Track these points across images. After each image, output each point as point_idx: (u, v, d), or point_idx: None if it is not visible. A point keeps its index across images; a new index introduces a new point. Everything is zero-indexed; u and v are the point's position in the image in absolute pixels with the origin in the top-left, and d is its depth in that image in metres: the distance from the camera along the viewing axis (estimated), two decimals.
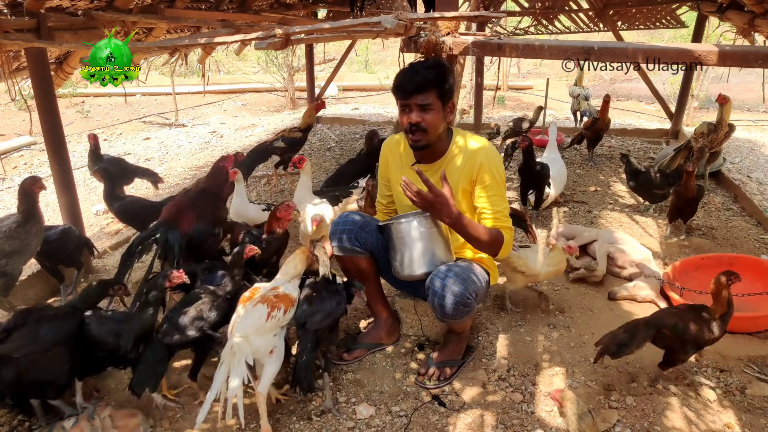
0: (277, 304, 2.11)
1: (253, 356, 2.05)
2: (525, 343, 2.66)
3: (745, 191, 4.59)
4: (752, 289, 2.88)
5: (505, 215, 2.30)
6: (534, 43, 3.05)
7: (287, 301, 2.16)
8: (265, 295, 2.15)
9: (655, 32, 12.08)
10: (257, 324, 2.06)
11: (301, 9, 6.28)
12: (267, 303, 2.11)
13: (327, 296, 2.25)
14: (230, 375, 2.00)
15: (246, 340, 2.03)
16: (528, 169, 4.03)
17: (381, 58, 14.62)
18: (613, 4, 6.20)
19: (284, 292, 2.19)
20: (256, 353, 2.06)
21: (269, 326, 2.08)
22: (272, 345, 2.11)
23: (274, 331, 2.12)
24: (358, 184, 4.03)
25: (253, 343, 2.05)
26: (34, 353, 2.00)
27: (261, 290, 2.20)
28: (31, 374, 2.01)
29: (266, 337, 2.09)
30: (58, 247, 3.02)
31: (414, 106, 2.23)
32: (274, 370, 2.10)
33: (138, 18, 3.60)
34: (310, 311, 2.19)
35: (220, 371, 2.01)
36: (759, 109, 9.46)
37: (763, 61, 2.69)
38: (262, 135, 7.39)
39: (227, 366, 2.01)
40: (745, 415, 2.21)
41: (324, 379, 2.26)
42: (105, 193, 3.69)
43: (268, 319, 2.07)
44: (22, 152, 7.11)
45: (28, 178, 2.77)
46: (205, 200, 2.99)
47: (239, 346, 2.02)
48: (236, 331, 2.04)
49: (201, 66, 6.43)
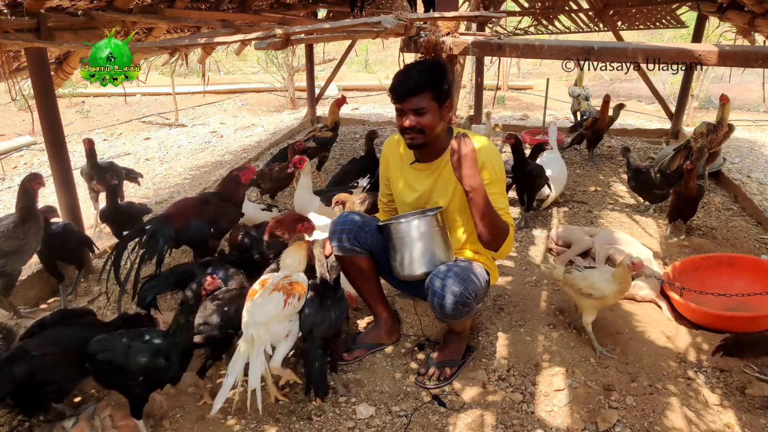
0: (292, 291, 2.17)
1: (271, 344, 2.11)
2: (525, 343, 2.66)
3: (745, 191, 4.59)
4: (752, 289, 2.88)
5: (506, 213, 2.29)
6: (534, 43, 3.05)
7: (301, 289, 2.22)
8: (279, 283, 2.19)
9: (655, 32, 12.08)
10: (276, 311, 2.11)
11: (301, 9, 6.28)
12: (283, 290, 2.16)
13: (332, 304, 2.26)
14: (250, 364, 2.04)
15: (266, 328, 2.08)
16: (518, 168, 3.92)
17: (381, 58, 14.62)
18: (613, 4, 6.20)
19: (296, 280, 2.24)
20: (274, 340, 2.12)
21: (286, 313, 2.14)
22: (287, 330, 2.17)
23: (290, 317, 2.18)
24: (358, 183, 4.04)
25: (272, 331, 2.11)
26: (53, 355, 2.02)
27: (271, 279, 2.23)
28: (43, 375, 2.01)
29: (283, 323, 2.15)
30: (59, 243, 3.02)
31: (408, 111, 2.24)
32: (286, 349, 2.19)
33: (138, 18, 3.60)
34: (318, 319, 2.21)
35: (237, 360, 2.05)
36: (759, 109, 9.46)
37: (763, 61, 2.69)
38: (262, 135, 7.39)
39: (245, 355, 2.05)
40: (745, 415, 2.21)
41: (334, 378, 2.33)
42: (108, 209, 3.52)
43: (285, 305, 2.13)
44: (22, 152, 7.11)
45: (29, 174, 2.77)
46: (212, 201, 3.02)
47: (259, 335, 2.06)
48: (256, 320, 2.08)
49: (201, 66, 6.42)
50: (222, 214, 3.01)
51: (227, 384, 2.03)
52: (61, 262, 3.12)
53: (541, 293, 3.12)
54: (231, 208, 3.07)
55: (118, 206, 3.51)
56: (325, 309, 2.23)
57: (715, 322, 2.73)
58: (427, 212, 2.34)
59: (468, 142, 2.04)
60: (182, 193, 5.16)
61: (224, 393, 2.05)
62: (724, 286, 2.95)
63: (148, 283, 2.55)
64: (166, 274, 2.63)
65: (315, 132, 5.13)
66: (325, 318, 2.22)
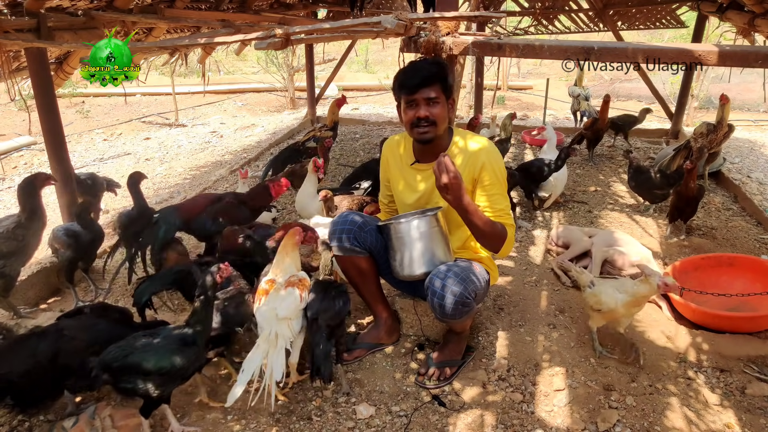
0: (303, 287, 2.22)
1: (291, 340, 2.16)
2: (525, 343, 2.66)
3: (745, 191, 4.59)
4: (752, 289, 2.88)
5: (507, 213, 2.30)
6: (534, 43, 3.05)
7: (308, 283, 2.27)
8: (290, 280, 2.23)
9: (655, 32, 12.08)
10: (295, 305, 2.16)
11: (301, 9, 6.28)
12: (296, 286, 2.20)
13: (336, 295, 2.28)
14: (272, 360, 2.06)
15: (287, 324, 2.13)
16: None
17: (381, 58, 14.62)
18: (613, 4, 6.20)
19: (303, 276, 2.28)
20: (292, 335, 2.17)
21: (301, 308, 2.20)
22: (300, 325, 2.23)
23: (300, 313, 2.23)
24: (360, 186, 4.04)
25: (294, 328, 2.16)
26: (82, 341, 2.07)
27: (279, 279, 2.25)
28: (65, 359, 2.03)
29: (299, 319, 2.21)
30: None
31: (421, 101, 2.24)
32: (300, 344, 2.26)
33: (138, 18, 3.60)
34: (322, 307, 2.23)
35: (256, 355, 2.06)
36: (759, 109, 9.46)
37: (763, 61, 2.68)
38: (262, 135, 7.39)
39: (264, 351, 2.07)
40: (745, 415, 2.21)
41: (338, 370, 2.34)
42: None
43: (301, 300, 2.18)
44: (22, 152, 7.12)
45: (39, 174, 2.76)
46: (227, 200, 3.07)
47: (282, 332, 2.10)
48: (280, 315, 2.11)
49: (201, 66, 6.43)
50: (230, 213, 3.02)
51: (242, 380, 2.02)
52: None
53: (541, 293, 3.12)
54: (244, 210, 3.09)
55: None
56: (329, 298, 2.25)
57: (715, 322, 2.73)
58: (426, 212, 2.33)
59: (448, 167, 2.04)
60: (182, 193, 5.15)
61: (240, 388, 2.03)
62: (724, 286, 2.95)
63: (144, 283, 2.52)
64: (163, 273, 2.62)
65: (315, 132, 5.14)
66: (330, 306, 2.23)
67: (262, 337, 2.11)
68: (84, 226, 3.00)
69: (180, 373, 1.97)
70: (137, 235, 2.93)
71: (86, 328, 2.14)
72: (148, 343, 1.95)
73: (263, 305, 2.16)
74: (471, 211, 2.13)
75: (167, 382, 1.96)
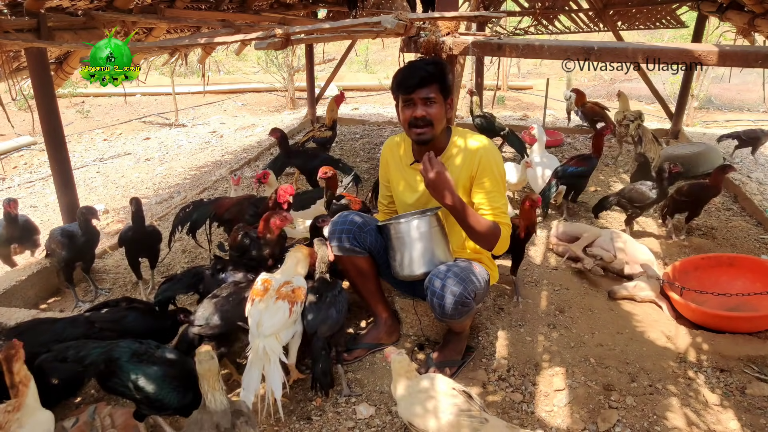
0: (294, 300, 2.20)
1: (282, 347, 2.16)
2: (525, 343, 2.66)
3: (745, 191, 4.59)
4: (752, 289, 2.88)
5: (503, 211, 2.31)
6: (534, 43, 3.05)
7: (301, 294, 2.26)
8: (281, 291, 2.21)
9: (655, 32, 12.08)
10: (282, 321, 2.15)
11: (301, 9, 6.28)
12: (286, 299, 2.19)
13: (332, 301, 2.28)
14: (267, 375, 2.07)
15: (276, 338, 2.12)
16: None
17: (381, 58, 14.62)
18: (613, 4, 6.20)
19: (298, 285, 2.27)
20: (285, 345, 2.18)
21: (291, 320, 2.19)
22: (293, 332, 2.24)
23: (295, 321, 2.23)
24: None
25: (282, 339, 2.16)
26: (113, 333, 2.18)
27: (273, 283, 2.25)
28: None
29: (290, 329, 2.21)
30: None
31: (418, 101, 2.25)
32: (296, 347, 2.29)
33: (138, 18, 3.60)
34: (320, 319, 2.23)
35: (252, 373, 2.07)
36: (759, 109, 9.46)
37: (763, 61, 2.68)
38: (262, 135, 7.39)
39: (259, 367, 2.07)
40: (745, 415, 2.21)
41: (339, 370, 2.35)
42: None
43: (290, 314, 2.17)
44: (22, 152, 7.12)
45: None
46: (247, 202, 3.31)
47: (271, 346, 2.09)
48: (264, 332, 2.11)
49: (201, 66, 6.43)
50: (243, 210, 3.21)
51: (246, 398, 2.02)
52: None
53: (541, 293, 3.12)
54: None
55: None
56: (326, 307, 2.25)
57: (715, 322, 2.73)
58: (426, 212, 2.34)
59: (436, 165, 2.09)
60: (182, 193, 5.16)
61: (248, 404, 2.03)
62: (724, 286, 2.95)
63: (165, 284, 2.57)
64: (182, 276, 2.67)
65: (314, 132, 5.11)
66: (327, 317, 2.24)
67: (252, 352, 2.11)
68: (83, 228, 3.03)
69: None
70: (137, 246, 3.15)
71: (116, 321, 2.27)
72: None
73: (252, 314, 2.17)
74: (460, 208, 2.15)
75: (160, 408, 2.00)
